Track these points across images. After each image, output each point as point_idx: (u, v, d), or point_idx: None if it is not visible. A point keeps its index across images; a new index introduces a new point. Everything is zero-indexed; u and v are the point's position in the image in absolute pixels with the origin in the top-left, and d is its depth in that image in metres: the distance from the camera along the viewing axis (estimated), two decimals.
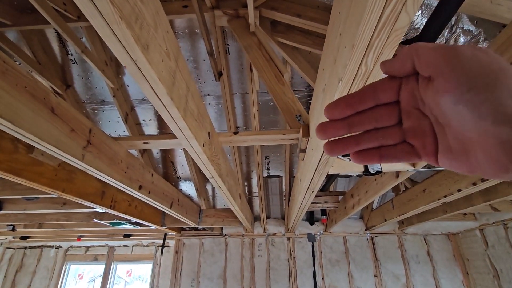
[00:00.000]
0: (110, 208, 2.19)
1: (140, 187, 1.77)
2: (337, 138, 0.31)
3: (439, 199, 2.09)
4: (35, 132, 0.99)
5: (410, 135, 0.29)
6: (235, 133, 1.54)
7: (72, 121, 1.17)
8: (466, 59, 0.22)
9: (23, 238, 4.42)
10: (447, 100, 0.23)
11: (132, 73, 0.68)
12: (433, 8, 1.05)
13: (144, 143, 1.53)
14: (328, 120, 0.30)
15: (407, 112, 0.29)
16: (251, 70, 2.14)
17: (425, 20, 1.20)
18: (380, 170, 1.36)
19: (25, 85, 0.95)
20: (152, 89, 0.74)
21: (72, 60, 2.24)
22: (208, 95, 2.47)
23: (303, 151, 1.45)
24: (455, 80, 0.22)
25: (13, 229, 3.29)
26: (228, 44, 2.10)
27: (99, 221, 2.87)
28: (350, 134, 0.31)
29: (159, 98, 0.78)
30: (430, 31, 0.94)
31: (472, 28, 1.31)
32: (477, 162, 0.24)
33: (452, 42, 1.33)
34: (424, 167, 1.42)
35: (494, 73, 0.22)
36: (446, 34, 1.33)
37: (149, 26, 0.65)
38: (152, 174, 2.00)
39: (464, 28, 1.30)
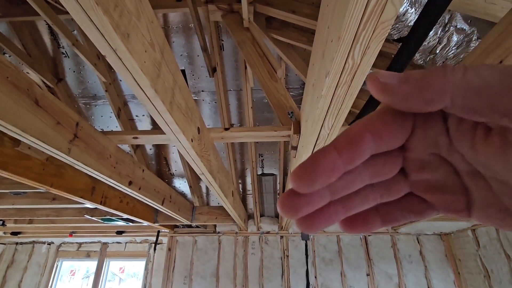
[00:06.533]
0: (101, 204, 2.17)
1: (130, 183, 1.75)
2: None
3: None
4: (18, 124, 0.97)
5: (421, 188, 0.21)
6: (227, 129, 1.52)
7: (58, 114, 1.14)
8: None
9: (14, 233, 4.37)
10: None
11: (113, 63, 0.66)
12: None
13: (134, 138, 1.51)
14: (294, 191, 0.19)
15: (419, 161, 0.20)
16: (246, 67, 2.12)
17: None
18: None
19: (6, 75, 0.92)
20: (135, 80, 0.72)
21: (64, 53, 2.20)
22: (203, 91, 2.45)
23: (295, 148, 1.43)
24: None
25: (3, 224, 3.25)
26: (222, 40, 2.07)
27: (90, 217, 2.84)
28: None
29: (142, 89, 0.76)
30: (420, 28, 0.93)
31: (466, 27, 1.30)
32: None
33: (445, 40, 1.32)
34: None
35: None
36: (439, 33, 1.32)
37: (130, 14, 0.63)
38: (143, 170, 1.97)
39: (458, 27, 1.30)
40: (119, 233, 4.43)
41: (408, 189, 0.22)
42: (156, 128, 2.68)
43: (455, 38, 1.28)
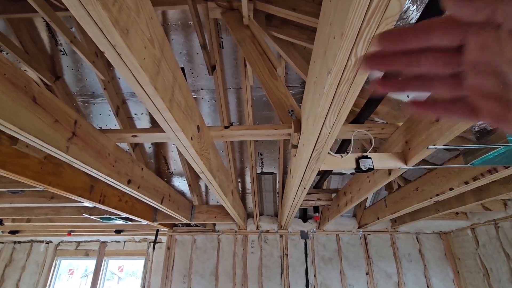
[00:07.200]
0: (99, 203, 2.16)
1: (129, 182, 1.73)
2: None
3: (431, 198, 2.08)
4: (16, 122, 0.96)
5: (473, 91, 0.25)
6: (226, 127, 1.51)
7: (56, 112, 1.13)
8: None
9: (12, 232, 4.35)
10: None
11: (112, 59, 0.65)
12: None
13: (133, 136, 1.49)
14: (377, 52, 0.27)
15: (475, 64, 0.24)
16: (245, 65, 2.11)
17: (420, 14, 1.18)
18: (372, 167, 1.35)
19: (4, 72, 0.91)
20: (134, 77, 0.71)
21: (62, 51, 2.18)
22: (202, 89, 2.43)
23: (295, 146, 1.42)
24: None
25: (1, 223, 3.23)
26: (221, 38, 2.06)
27: (88, 216, 2.83)
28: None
29: (141, 87, 0.75)
30: None
31: None
32: None
33: None
34: (416, 165, 1.41)
35: None
36: None
37: (129, 10, 0.62)
38: (142, 169, 1.96)
39: None
40: (118, 232, 4.42)
41: (463, 91, 0.26)
42: (155, 126, 2.66)
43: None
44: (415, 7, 1.23)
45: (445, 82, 0.26)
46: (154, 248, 4.38)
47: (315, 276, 3.99)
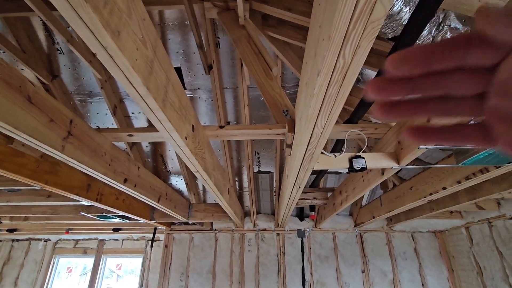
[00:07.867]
0: (97, 201, 2.17)
1: (125, 180, 1.75)
2: (391, 100, 0.25)
3: (425, 197, 2.10)
4: (10, 121, 0.96)
5: (495, 116, 0.22)
6: (221, 127, 1.52)
7: (51, 111, 1.14)
8: None
9: (10, 230, 4.36)
10: None
11: (104, 61, 0.66)
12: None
13: (129, 135, 1.50)
14: (384, 77, 0.24)
15: (503, 85, 0.21)
16: (242, 64, 2.12)
17: None
18: (365, 167, 1.36)
19: None
20: (126, 78, 0.72)
21: (59, 50, 2.19)
22: (199, 88, 2.44)
23: (289, 146, 1.44)
24: None
25: None
26: (218, 37, 2.07)
27: (86, 214, 2.84)
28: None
29: (134, 87, 0.76)
30: (413, 27, 0.93)
31: (459, 26, 1.31)
32: None
33: (439, 39, 1.33)
34: (409, 164, 1.43)
35: None
36: (433, 32, 1.33)
37: (121, 12, 0.63)
38: (139, 168, 1.97)
39: (451, 26, 1.30)
40: (116, 230, 4.43)
41: (479, 115, 0.24)
42: (152, 126, 2.67)
43: (449, 37, 1.28)
44: (407, 8, 1.24)
45: (464, 104, 0.24)
46: (152, 246, 4.40)
47: (311, 274, 4.02)
